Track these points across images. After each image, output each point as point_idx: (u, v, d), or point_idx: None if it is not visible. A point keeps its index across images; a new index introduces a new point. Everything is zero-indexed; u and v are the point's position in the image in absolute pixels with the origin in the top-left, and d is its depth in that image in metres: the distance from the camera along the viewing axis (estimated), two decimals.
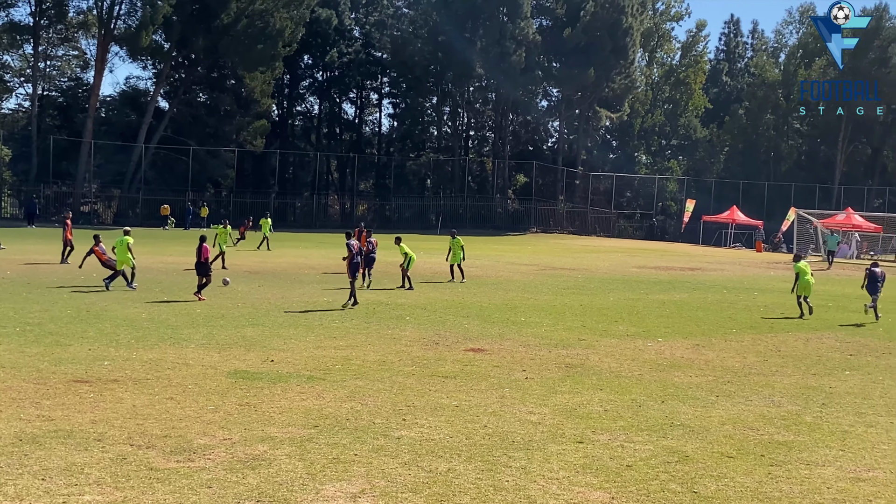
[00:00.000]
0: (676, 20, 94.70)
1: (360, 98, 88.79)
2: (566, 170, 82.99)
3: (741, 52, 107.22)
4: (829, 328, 21.84)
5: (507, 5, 74.49)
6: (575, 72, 75.96)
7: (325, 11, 76.51)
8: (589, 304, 25.35)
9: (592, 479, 9.07)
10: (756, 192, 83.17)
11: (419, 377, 13.99)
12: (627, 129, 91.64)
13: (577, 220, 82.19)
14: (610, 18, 75.62)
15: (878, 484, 9.22)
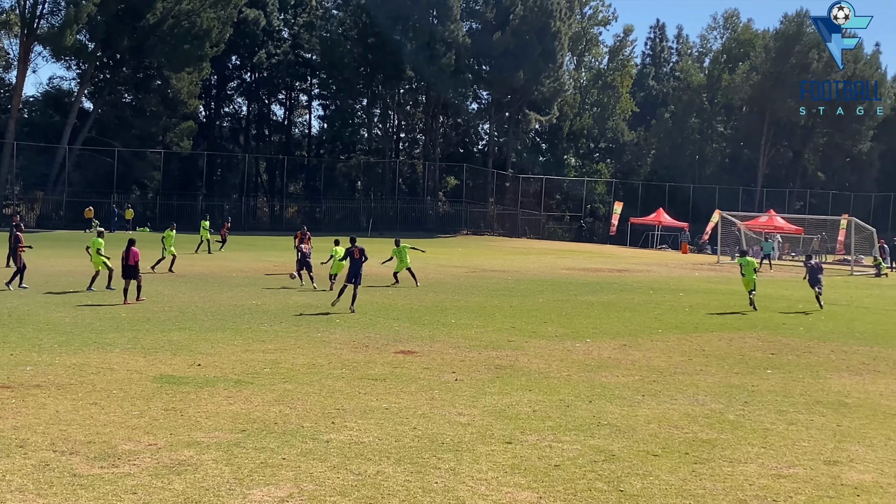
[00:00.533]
0: (604, 25, 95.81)
1: (290, 99, 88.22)
2: (496, 172, 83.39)
3: (667, 57, 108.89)
4: (752, 328, 22.27)
5: (437, 8, 74.62)
6: (504, 75, 76.40)
7: (252, 12, 75.84)
8: (518, 305, 25.52)
9: (521, 479, 9.14)
10: (682, 195, 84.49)
11: (348, 380, 13.96)
12: (556, 131, 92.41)
13: (507, 221, 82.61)
14: (539, 22, 76.18)
15: (799, 480, 9.44)
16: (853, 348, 19.23)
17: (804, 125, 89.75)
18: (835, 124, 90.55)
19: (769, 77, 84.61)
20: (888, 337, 21.36)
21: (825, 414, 12.65)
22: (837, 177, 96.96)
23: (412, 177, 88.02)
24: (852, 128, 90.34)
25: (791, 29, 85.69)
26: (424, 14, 74.53)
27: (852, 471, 9.85)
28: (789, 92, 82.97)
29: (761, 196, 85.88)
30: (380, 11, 74.32)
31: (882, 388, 14.83)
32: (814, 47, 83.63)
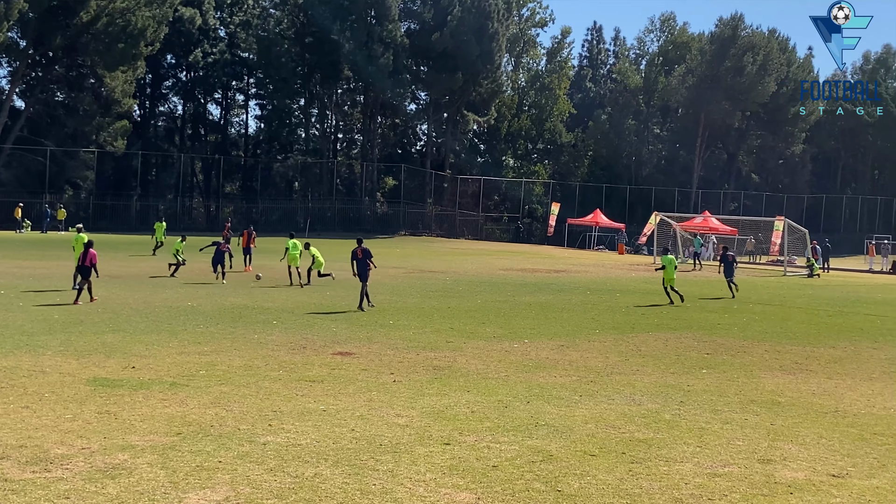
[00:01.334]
0: (541, 26, 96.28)
1: (226, 99, 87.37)
2: (435, 173, 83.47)
3: (604, 59, 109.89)
4: (688, 328, 22.53)
5: (375, 8, 74.47)
6: (443, 75, 76.56)
7: (188, 11, 74.98)
8: (457, 306, 25.53)
9: (459, 480, 9.12)
10: (618, 196, 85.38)
11: (286, 382, 13.83)
12: (495, 133, 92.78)
13: (445, 222, 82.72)
14: (476, 23, 76.41)
15: (734, 479, 9.54)
16: (786, 348, 19.54)
17: (738, 127, 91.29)
18: (768, 127, 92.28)
19: (704, 80, 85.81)
20: (820, 336, 21.75)
21: (759, 413, 12.82)
22: (771, 178, 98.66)
23: (350, 177, 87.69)
24: (785, 130, 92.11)
25: (726, 32, 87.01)
26: (362, 14, 74.32)
27: (786, 469, 9.98)
28: (724, 94, 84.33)
29: (697, 197, 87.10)
30: (317, 11, 73.98)
31: (814, 386, 15.08)
32: (748, 50, 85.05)
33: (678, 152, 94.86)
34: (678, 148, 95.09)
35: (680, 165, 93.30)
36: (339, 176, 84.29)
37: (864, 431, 11.90)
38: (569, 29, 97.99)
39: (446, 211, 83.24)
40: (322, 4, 73.58)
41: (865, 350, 19.65)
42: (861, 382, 15.62)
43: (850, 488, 9.34)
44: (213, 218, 79.03)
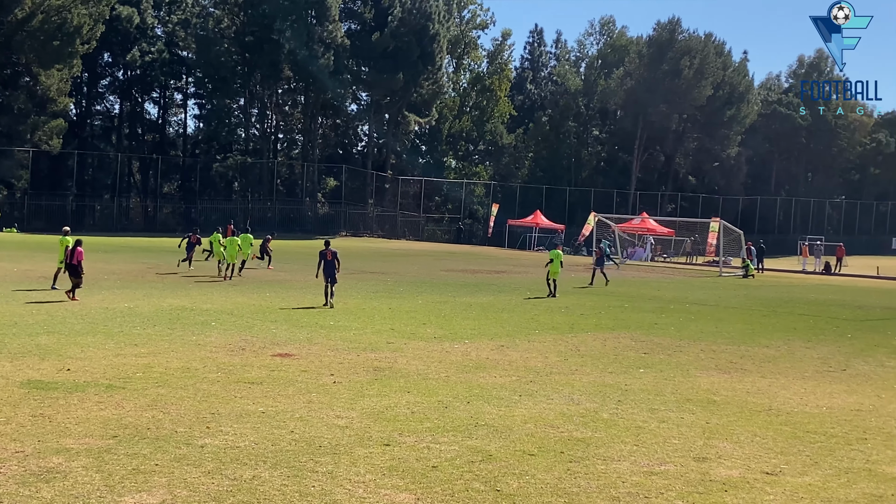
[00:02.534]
0: (482, 28, 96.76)
1: (164, 98, 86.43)
2: (376, 174, 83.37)
3: (545, 62, 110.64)
4: (626, 328, 22.76)
5: (316, 8, 74.19)
6: (384, 76, 76.52)
7: (125, 9, 74.02)
8: (397, 307, 25.53)
9: (398, 481, 9.12)
10: (559, 197, 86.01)
11: (224, 384, 13.71)
12: (436, 134, 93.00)
13: (386, 223, 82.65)
14: (417, 24, 76.52)
15: (670, 477, 9.66)
16: (722, 347, 19.83)
17: (675, 130, 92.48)
18: (704, 129, 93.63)
19: (642, 83, 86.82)
20: (755, 336, 22.11)
21: (695, 411, 12.99)
22: (707, 180, 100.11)
23: (291, 177, 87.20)
24: (721, 133, 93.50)
25: (663, 36, 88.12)
26: (303, 14, 74.00)
27: (720, 467, 10.14)
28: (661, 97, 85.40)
29: (635, 199, 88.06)
30: (257, 10, 73.47)
31: (749, 385, 15.33)
32: (685, 54, 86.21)
33: (617, 154, 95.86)
34: (617, 150, 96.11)
35: (619, 167, 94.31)
36: (279, 176, 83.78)
37: (797, 429, 12.13)
38: (509, 31, 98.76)
39: (387, 212, 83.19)
40: (262, 4, 73.13)
41: (799, 349, 20.01)
42: (794, 381, 15.92)
43: (783, 485, 9.52)
44: (150, 218, 78.13)
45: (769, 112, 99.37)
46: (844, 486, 9.60)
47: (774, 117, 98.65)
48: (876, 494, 9.33)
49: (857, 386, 15.67)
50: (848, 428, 12.33)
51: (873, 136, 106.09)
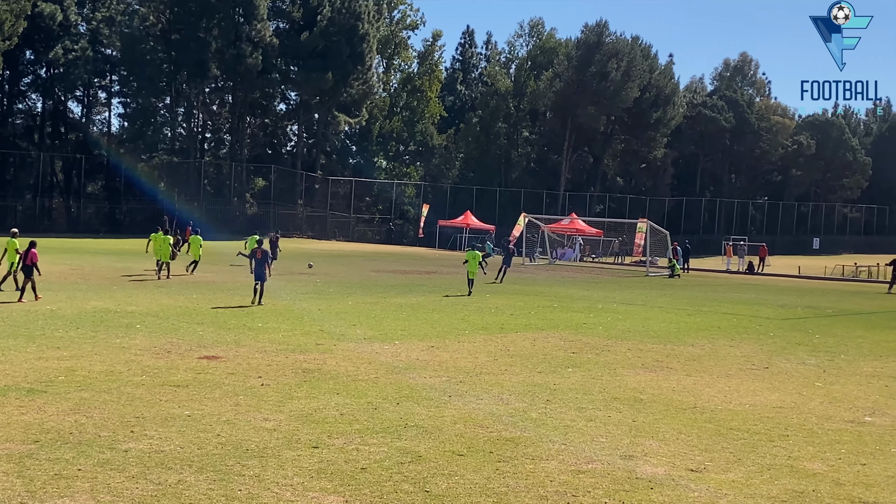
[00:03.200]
0: (412, 29, 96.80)
1: (88, 97, 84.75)
2: (305, 174, 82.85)
3: (475, 63, 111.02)
4: (555, 328, 22.93)
5: (243, 6, 73.47)
6: (313, 76, 76.08)
7: (48, 6, 72.41)
8: (327, 308, 25.40)
9: (327, 483, 9.07)
10: (489, 198, 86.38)
11: (149, 387, 13.49)
12: (366, 134, 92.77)
13: (316, 224, 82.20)
14: (347, 24, 76.24)
15: (597, 475, 9.74)
16: (648, 346, 20.09)
17: (604, 131, 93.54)
18: (632, 131, 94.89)
19: (571, 84, 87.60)
20: (680, 335, 22.45)
21: (622, 410, 13.13)
22: (635, 182, 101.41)
23: (218, 178, 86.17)
24: (648, 135, 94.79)
25: (591, 38, 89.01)
26: (229, 12, 73.26)
27: (646, 464, 10.26)
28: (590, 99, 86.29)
29: (564, 199, 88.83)
30: (184, 8, 72.51)
31: (674, 384, 15.55)
32: (613, 57, 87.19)
33: (547, 155, 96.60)
34: (546, 151, 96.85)
35: (548, 168, 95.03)
36: (206, 176, 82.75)
37: (722, 426, 12.33)
38: (440, 32, 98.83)
39: (317, 212, 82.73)
40: (189, 2, 72.22)
41: (723, 348, 20.35)
42: (718, 379, 16.18)
43: (707, 482, 9.66)
44: (74, 219, 76.60)
45: (694, 114, 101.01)
46: (767, 482, 9.78)
47: (699, 120, 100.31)
48: (797, 490, 9.52)
49: (778, 383, 15.98)
50: (770, 425, 12.56)
51: (794, 139, 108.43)
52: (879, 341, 22.70)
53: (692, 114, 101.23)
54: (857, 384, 16.21)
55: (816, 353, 19.90)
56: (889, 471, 10.42)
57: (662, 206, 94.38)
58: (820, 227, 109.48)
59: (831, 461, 10.76)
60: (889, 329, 25.91)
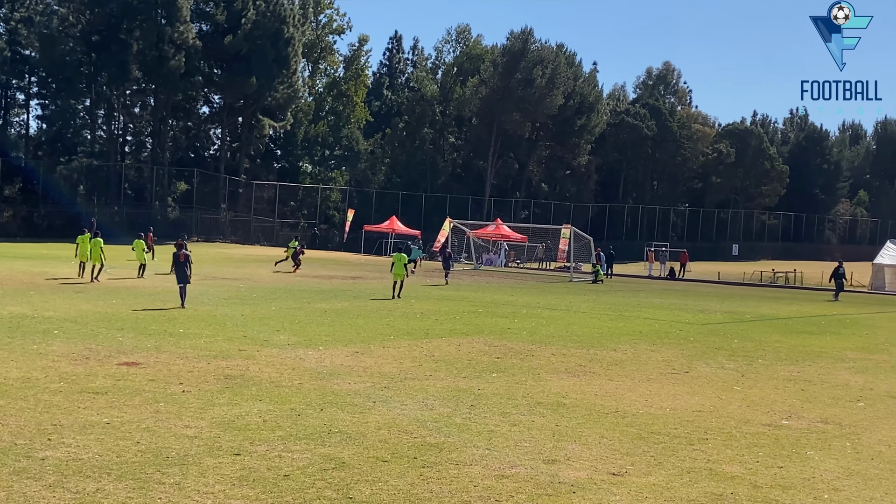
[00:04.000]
0: (339, 34, 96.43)
1: (5, 98, 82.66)
2: (229, 178, 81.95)
3: (402, 68, 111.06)
4: (480, 332, 23.01)
5: (166, 8, 72.46)
6: (237, 79, 75.38)
7: None
8: (251, 314, 25.14)
9: (249, 490, 8.97)
10: (415, 203, 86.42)
11: (67, 394, 13.20)
12: (291, 138, 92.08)
13: (240, 228, 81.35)
14: (271, 28, 75.68)
15: (520, 480, 9.79)
16: (572, 351, 20.26)
17: (529, 138, 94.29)
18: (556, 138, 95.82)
19: (496, 91, 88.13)
20: (603, 339, 22.69)
21: (545, 415, 13.22)
22: (559, 188, 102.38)
23: (139, 181, 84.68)
24: (572, 142, 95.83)
25: (517, 45, 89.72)
26: (152, 14, 72.15)
27: (569, 468, 10.34)
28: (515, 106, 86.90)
29: (489, 205, 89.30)
30: (104, 9, 71.26)
31: (597, 388, 15.71)
32: (538, 64, 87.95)
33: (472, 161, 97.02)
34: (472, 157, 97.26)
35: (474, 174, 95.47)
36: (127, 180, 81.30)
37: (643, 430, 12.48)
38: (366, 37, 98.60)
39: (241, 217, 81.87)
40: (110, 3, 71.00)
41: (644, 352, 20.63)
42: (640, 383, 16.39)
43: (628, 486, 9.77)
44: None
45: (618, 122, 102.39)
46: (687, 485, 9.93)
47: (622, 127, 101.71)
48: (716, 493, 9.68)
49: (698, 387, 16.25)
50: (690, 428, 12.76)
51: (715, 147, 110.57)
52: (796, 346, 23.22)
53: (615, 121, 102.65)
54: (775, 388, 16.56)
55: (735, 358, 20.27)
56: (805, 473, 10.66)
57: (586, 212, 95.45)
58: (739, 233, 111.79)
59: (749, 464, 10.96)
60: (805, 334, 26.54)
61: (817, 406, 14.97)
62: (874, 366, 20.21)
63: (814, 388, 16.70)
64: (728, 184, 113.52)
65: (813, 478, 10.48)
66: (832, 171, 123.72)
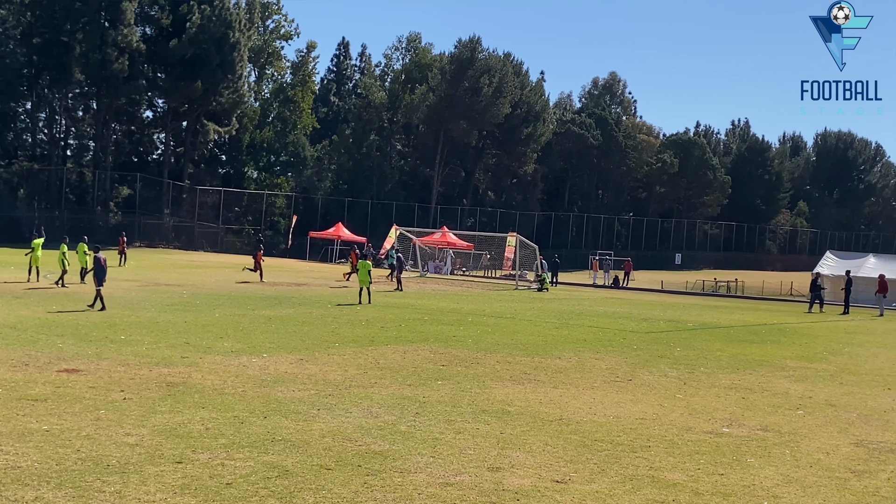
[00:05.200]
0: (286, 39, 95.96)
1: None
2: (172, 183, 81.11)
3: (350, 74, 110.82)
4: (425, 340, 23.01)
5: (109, 10, 71.60)
6: (182, 83, 74.67)
7: None
8: (194, 320, 24.89)
9: (191, 499, 8.89)
10: (361, 210, 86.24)
11: (5, 401, 12.97)
12: (236, 143, 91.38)
13: (183, 234, 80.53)
14: (217, 32, 75.11)
15: (465, 487, 9.81)
16: (517, 359, 20.34)
17: (475, 146, 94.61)
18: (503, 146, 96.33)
19: (444, 99, 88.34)
20: (547, 347, 22.81)
21: (490, 422, 13.26)
22: (506, 196, 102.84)
23: (81, 185, 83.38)
24: (518, 150, 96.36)
25: (465, 54, 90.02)
26: (95, 16, 71.25)
27: (513, 476, 10.38)
28: (462, 114, 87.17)
29: (436, 213, 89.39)
30: (46, 11, 70.24)
31: (541, 396, 15.79)
32: (485, 72, 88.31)
33: (419, 168, 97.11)
34: (419, 164, 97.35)
35: (421, 181, 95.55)
36: (68, 184, 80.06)
37: (586, 438, 12.57)
38: (314, 43, 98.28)
39: (185, 222, 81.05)
40: (53, 4, 70.00)
41: (588, 360, 20.77)
42: (584, 391, 16.50)
43: (572, 493, 9.84)
44: None
45: (563, 131, 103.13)
46: (629, 492, 10.02)
47: (568, 136, 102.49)
48: (658, 500, 9.78)
49: (641, 395, 16.41)
50: (633, 436, 12.88)
51: (659, 157, 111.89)
52: (737, 354, 23.54)
53: (561, 130, 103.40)
54: (716, 396, 16.77)
55: (677, 366, 20.49)
56: (745, 480, 10.81)
57: (532, 220, 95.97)
58: (682, 242, 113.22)
59: (691, 471, 11.09)
60: (746, 342, 26.91)
61: (758, 414, 15.18)
62: (813, 374, 20.55)
63: (754, 397, 16.94)
64: (671, 193, 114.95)
65: (753, 485, 10.63)
66: (773, 181, 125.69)
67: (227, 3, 77.04)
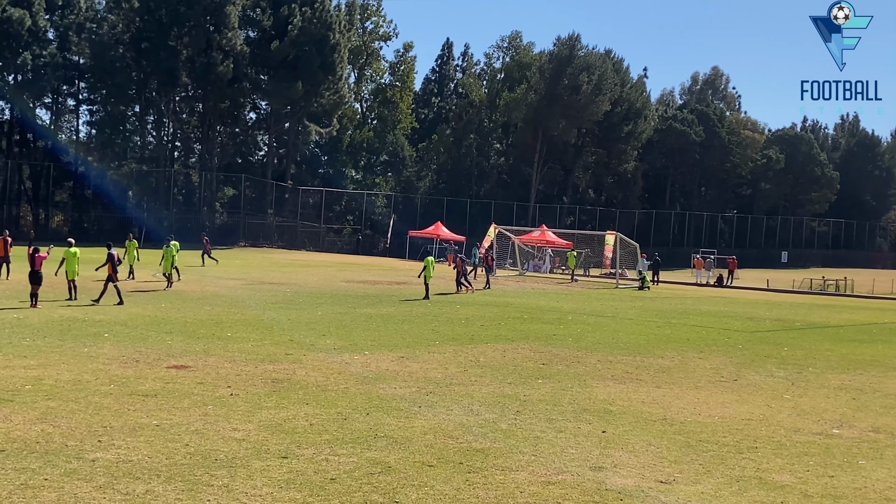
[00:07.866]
0: (385, 40, 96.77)
1: (56, 104, 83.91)
2: (275, 183, 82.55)
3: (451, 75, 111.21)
4: (525, 339, 22.94)
5: (214, 15, 73.22)
6: (283, 85, 75.86)
7: (17, 11, 71.60)
8: (297, 318, 25.28)
9: (296, 493, 9.01)
10: (460, 209, 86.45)
11: (117, 396, 13.37)
12: (337, 144, 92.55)
13: (286, 233, 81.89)
14: (318, 34, 76.11)
15: (567, 486, 9.75)
16: (618, 358, 20.13)
17: (575, 144, 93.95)
18: (603, 144, 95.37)
19: (543, 97, 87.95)
20: (649, 347, 22.51)
21: (591, 421, 13.15)
22: (605, 194, 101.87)
23: (188, 187, 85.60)
24: (618, 148, 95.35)
25: (563, 52, 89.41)
26: (200, 20, 72.89)
27: (616, 476, 10.28)
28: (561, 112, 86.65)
29: (535, 211, 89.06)
30: (153, 16, 72.18)
31: (644, 395, 15.59)
32: (584, 70, 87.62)
33: (518, 167, 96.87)
34: (518, 163, 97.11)
35: (519, 180, 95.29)
36: (176, 185, 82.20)
37: (691, 438, 12.37)
38: (411, 44, 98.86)
39: (287, 222, 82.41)
40: (159, 10, 71.89)
41: (692, 360, 20.44)
42: (688, 391, 16.24)
43: (676, 494, 9.69)
44: (42, 227, 75.78)
45: (665, 128, 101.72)
46: (736, 493, 9.82)
47: (670, 133, 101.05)
48: (766, 502, 9.57)
49: (747, 396, 16.07)
50: (739, 437, 12.62)
51: (764, 153, 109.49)
52: (847, 354, 22.89)
53: (663, 127, 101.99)
54: (826, 397, 16.33)
55: (785, 366, 20.02)
56: (857, 483, 10.50)
57: (632, 218, 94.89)
58: (788, 240, 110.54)
59: (800, 473, 10.82)
60: (856, 342, 26.14)
61: (869, 415, 14.73)
62: None
63: (865, 397, 16.44)
64: (777, 190, 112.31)
65: (865, 487, 10.32)
66: (884, 177, 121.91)
67: (328, 5, 78.05)
